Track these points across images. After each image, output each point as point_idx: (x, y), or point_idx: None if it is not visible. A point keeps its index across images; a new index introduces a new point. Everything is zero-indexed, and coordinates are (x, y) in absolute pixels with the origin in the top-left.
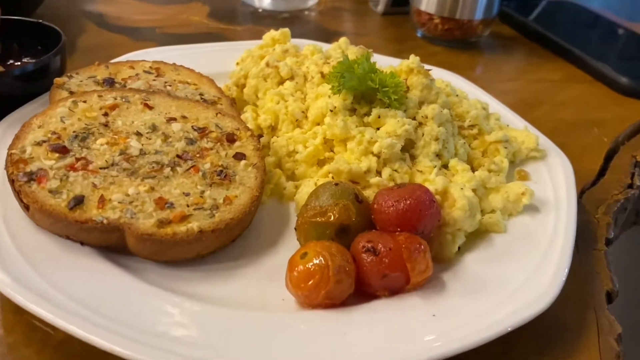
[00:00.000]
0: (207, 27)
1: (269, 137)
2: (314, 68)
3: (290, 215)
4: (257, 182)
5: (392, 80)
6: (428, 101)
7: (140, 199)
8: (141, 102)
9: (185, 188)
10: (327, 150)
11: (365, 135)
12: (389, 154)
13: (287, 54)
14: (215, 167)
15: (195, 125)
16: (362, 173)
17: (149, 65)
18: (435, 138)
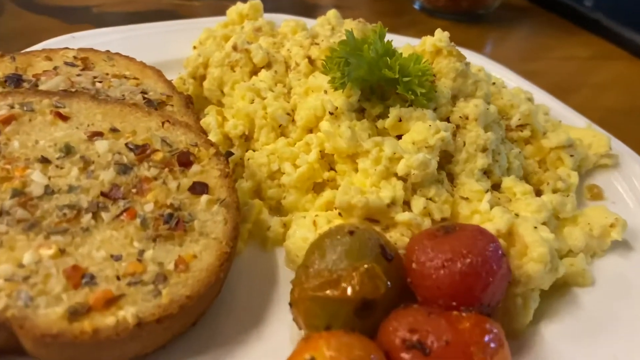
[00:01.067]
0: (157, 2)
1: (242, 152)
2: (298, 51)
3: (279, 272)
4: (227, 228)
5: (416, 66)
6: (464, 94)
7: (42, 271)
8: (51, 111)
9: (115, 247)
10: (326, 168)
11: (384, 150)
12: (421, 175)
13: (260, 33)
14: (162, 209)
15: (131, 143)
16: (384, 207)
17: (73, 55)
18: (483, 148)
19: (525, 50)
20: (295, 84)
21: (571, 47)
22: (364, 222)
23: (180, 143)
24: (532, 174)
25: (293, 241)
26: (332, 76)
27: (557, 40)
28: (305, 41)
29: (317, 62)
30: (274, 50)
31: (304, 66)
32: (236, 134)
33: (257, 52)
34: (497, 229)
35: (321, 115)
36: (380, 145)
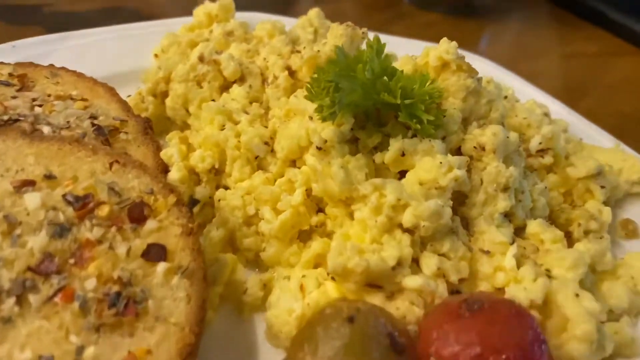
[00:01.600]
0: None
1: (212, 190)
2: (275, 61)
3: (259, 347)
4: (190, 308)
5: (422, 88)
6: (476, 116)
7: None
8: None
9: (46, 344)
10: (313, 210)
11: (386, 196)
12: (433, 228)
13: (231, 37)
14: (107, 285)
15: (70, 194)
16: (388, 270)
17: (9, 72)
18: (504, 187)
19: (527, 46)
20: (273, 103)
21: (575, 42)
22: (364, 289)
23: (132, 190)
24: (558, 211)
25: (275, 313)
26: (319, 104)
27: (561, 34)
28: (285, 48)
29: (299, 74)
30: (248, 59)
31: (283, 79)
32: (204, 167)
33: (228, 63)
34: (530, 299)
35: (306, 146)
36: (380, 190)
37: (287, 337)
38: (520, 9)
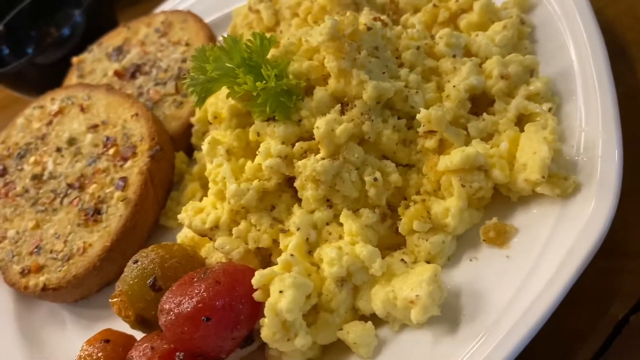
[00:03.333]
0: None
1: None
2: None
3: None
4: (118, 225)
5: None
6: (350, 97)
7: (24, 238)
8: (79, 105)
9: (60, 227)
10: None
11: (219, 173)
12: (238, 205)
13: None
14: (93, 200)
15: (107, 135)
16: (207, 230)
17: (161, 21)
18: (313, 178)
19: None
20: None
21: None
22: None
23: (134, 137)
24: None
25: (180, 235)
26: None
27: None
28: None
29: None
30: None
31: (294, 27)
32: (210, 113)
33: (265, 12)
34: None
35: None
36: (219, 167)
37: None
38: None
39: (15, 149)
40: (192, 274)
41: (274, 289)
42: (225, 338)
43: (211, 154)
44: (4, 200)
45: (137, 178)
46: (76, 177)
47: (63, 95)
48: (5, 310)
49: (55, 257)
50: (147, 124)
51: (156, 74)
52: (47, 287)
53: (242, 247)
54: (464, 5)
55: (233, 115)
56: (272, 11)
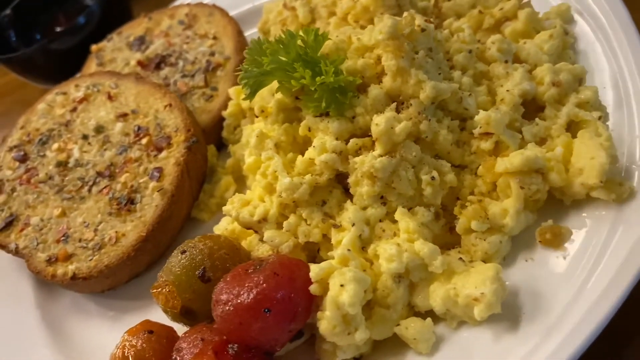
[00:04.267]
0: None
1: (249, 123)
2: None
3: None
4: (154, 215)
5: (325, 73)
6: (405, 96)
7: (49, 225)
8: (107, 92)
9: (89, 216)
10: None
11: (270, 167)
12: (289, 198)
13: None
14: (125, 189)
15: (138, 125)
16: (255, 223)
17: (185, 13)
18: (370, 175)
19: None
20: None
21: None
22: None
23: (168, 127)
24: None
25: (217, 228)
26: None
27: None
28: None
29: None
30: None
31: (333, 25)
32: (245, 107)
33: (301, 9)
34: (313, 273)
35: None
36: (271, 160)
37: None
38: None
39: (36, 135)
40: (245, 266)
41: (333, 283)
42: (283, 330)
43: (259, 147)
44: (26, 187)
45: (173, 169)
46: (105, 165)
47: (88, 82)
48: (26, 299)
49: (85, 245)
50: (182, 115)
51: (183, 65)
52: (77, 276)
53: (291, 241)
54: (508, 13)
55: (280, 110)
56: (308, 9)
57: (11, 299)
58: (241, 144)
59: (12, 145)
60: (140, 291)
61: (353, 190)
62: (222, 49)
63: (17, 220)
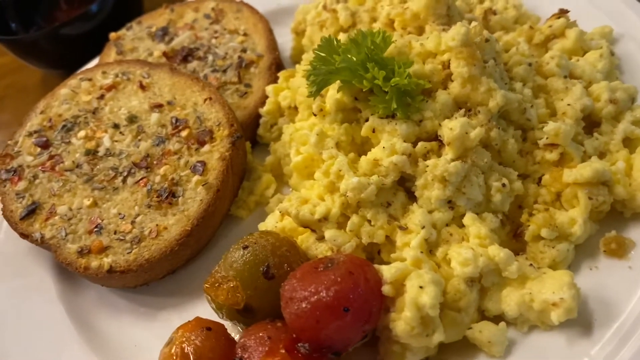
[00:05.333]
0: None
1: (290, 122)
2: (388, 11)
3: None
4: (199, 209)
5: (399, 75)
6: (473, 102)
7: (79, 215)
8: (138, 82)
9: (125, 207)
10: None
11: (334, 165)
12: (356, 198)
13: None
14: (165, 182)
15: (175, 116)
16: (315, 221)
17: (212, 7)
18: (441, 178)
19: None
20: None
21: None
22: (302, 229)
23: (209, 121)
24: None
25: (263, 225)
26: (306, 82)
27: None
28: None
29: (397, 23)
30: (373, 3)
31: (377, 27)
32: (284, 105)
33: (342, 12)
34: (386, 276)
35: None
36: (334, 158)
37: None
38: None
39: (59, 121)
40: (313, 264)
41: (411, 284)
42: (358, 330)
43: (319, 146)
44: (50, 174)
45: (218, 163)
46: (141, 156)
47: (117, 70)
48: (48, 292)
49: (122, 238)
50: (224, 109)
51: (212, 60)
52: (114, 270)
53: (353, 241)
54: (556, 31)
55: (339, 110)
56: (350, 12)
57: (33, 292)
58: (282, 142)
59: (31, 130)
60: (175, 287)
61: (419, 193)
62: (253, 46)
63: (41, 208)
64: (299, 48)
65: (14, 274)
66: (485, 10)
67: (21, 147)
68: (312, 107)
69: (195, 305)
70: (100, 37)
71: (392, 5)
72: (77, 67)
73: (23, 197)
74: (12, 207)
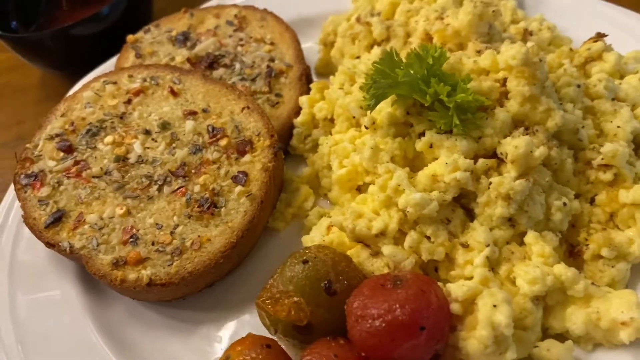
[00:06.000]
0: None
1: (325, 134)
2: (422, 26)
3: None
4: (243, 221)
5: (463, 91)
6: (530, 121)
7: (111, 225)
8: (168, 87)
9: (162, 217)
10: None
11: (392, 179)
12: (417, 214)
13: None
14: (205, 192)
15: (212, 125)
16: (371, 237)
17: (235, 14)
18: (505, 196)
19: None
20: None
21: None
22: (356, 243)
23: (248, 131)
24: (584, 228)
25: (307, 239)
26: (363, 95)
27: None
28: (433, 14)
29: (437, 39)
30: (406, 18)
31: (418, 44)
32: (320, 116)
33: (377, 25)
34: (456, 295)
35: None
36: (391, 173)
37: None
38: None
39: (82, 125)
40: (378, 280)
41: (484, 303)
42: (430, 349)
43: (373, 160)
44: (75, 181)
45: (260, 174)
46: (177, 165)
47: (145, 74)
48: (74, 307)
49: (161, 249)
50: (263, 119)
51: (240, 68)
52: (154, 283)
53: (413, 258)
54: (594, 54)
55: (391, 124)
56: (385, 26)
57: (57, 306)
58: (320, 154)
59: (52, 134)
60: (213, 301)
61: (480, 211)
62: (281, 56)
63: (67, 216)
64: (326, 59)
65: (36, 286)
66: (523, 30)
67: (41, 151)
68: (351, 119)
69: (236, 320)
70: (108, 39)
71: (428, 21)
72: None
73: (46, 204)
74: (34, 214)
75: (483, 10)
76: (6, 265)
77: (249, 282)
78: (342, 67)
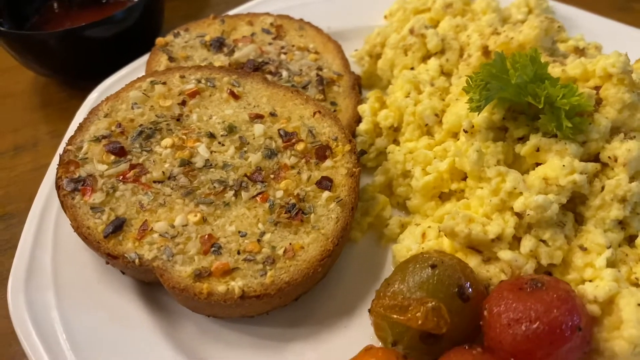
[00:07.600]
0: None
1: (389, 142)
2: (476, 40)
3: (385, 269)
4: (337, 226)
5: (569, 97)
6: (627, 128)
7: (185, 233)
8: (228, 90)
9: (244, 224)
10: (457, 177)
11: (505, 182)
12: (537, 217)
13: (449, 9)
14: (289, 198)
15: (283, 129)
16: (487, 241)
17: (270, 22)
18: (621, 199)
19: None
20: (455, 82)
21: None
22: (466, 250)
23: (323, 135)
24: None
25: (399, 247)
26: (470, 96)
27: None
28: (487, 28)
29: (493, 54)
30: (454, 33)
31: (475, 58)
32: (385, 124)
33: (432, 38)
34: (594, 295)
35: None
36: (503, 176)
37: None
38: None
39: (131, 126)
40: (514, 284)
41: (626, 302)
42: (583, 350)
43: (479, 164)
44: (134, 186)
45: (346, 180)
46: (253, 169)
47: (198, 75)
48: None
49: (250, 258)
50: (337, 123)
51: (288, 76)
52: (248, 295)
53: (532, 262)
54: None
55: (489, 128)
56: (440, 38)
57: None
58: (393, 162)
59: (98, 135)
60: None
61: (592, 214)
62: (328, 65)
63: (129, 225)
64: (371, 71)
65: (97, 305)
66: (574, 48)
67: (87, 154)
68: (422, 127)
69: (330, 335)
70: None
71: (482, 35)
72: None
73: (101, 212)
74: (88, 222)
75: (549, 25)
76: (50, 283)
77: (335, 294)
78: (404, 76)
